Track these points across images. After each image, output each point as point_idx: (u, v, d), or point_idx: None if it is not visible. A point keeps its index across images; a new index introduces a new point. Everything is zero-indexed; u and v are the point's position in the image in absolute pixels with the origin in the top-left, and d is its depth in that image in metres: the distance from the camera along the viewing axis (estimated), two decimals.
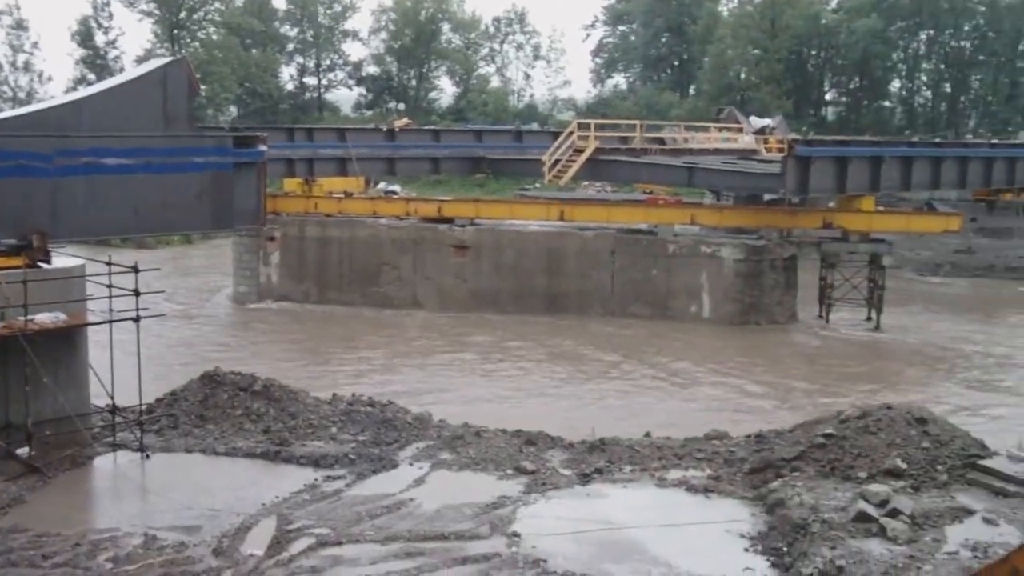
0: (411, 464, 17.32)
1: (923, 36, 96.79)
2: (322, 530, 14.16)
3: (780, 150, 45.02)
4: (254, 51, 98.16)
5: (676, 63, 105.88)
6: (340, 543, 13.71)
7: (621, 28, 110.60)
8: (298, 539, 13.86)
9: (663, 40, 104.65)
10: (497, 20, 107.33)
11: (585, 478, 16.74)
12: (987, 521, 13.88)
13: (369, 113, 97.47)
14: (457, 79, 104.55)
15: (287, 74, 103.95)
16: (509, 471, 16.98)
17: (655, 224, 40.02)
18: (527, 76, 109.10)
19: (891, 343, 36.50)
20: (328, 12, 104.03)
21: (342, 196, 43.75)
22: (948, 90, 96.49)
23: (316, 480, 16.38)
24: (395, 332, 36.46)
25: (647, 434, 19.72)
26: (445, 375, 30.09)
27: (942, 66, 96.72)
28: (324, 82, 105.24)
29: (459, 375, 30.21)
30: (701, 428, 20.23)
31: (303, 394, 20.24)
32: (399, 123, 54.89)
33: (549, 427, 19.90)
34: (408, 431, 19.08)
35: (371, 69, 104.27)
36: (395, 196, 47.68)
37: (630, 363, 31.86)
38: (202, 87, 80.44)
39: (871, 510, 13.82)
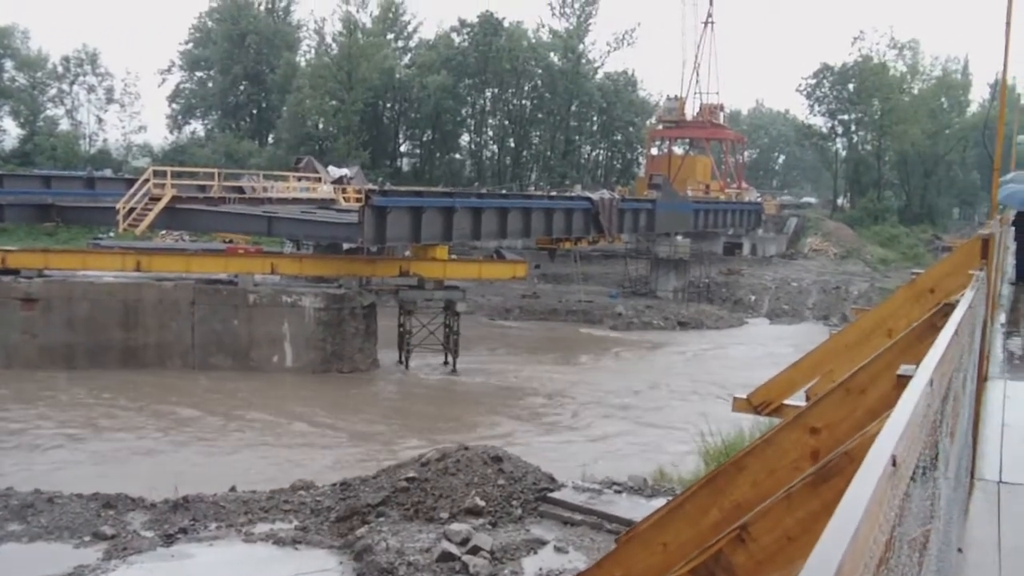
0: None
1: (489, 94, 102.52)
2: None
3: (358, 200, 45.82)
4: None
5: (255, 111, 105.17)
6: None
7: (198, 74, 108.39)
8: None
9: (241, 88, 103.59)
10: (66, 59, 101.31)
11: (169, 539, 16.16)
12: (558, 550, 14.84)
13: None
14: (22, 120, 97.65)
15: None
16: (87, 538, 16.07)
17: (235, 274, 39.48)
18: (100, 120, 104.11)
19: (467, 385, 38.11)
20: None
21: None
22: (512, 145, 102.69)
23: None
24: None
25: (232, 488, 19.35)
26: (12, 438, 27.91)
27: (506, 122, 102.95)
28: None
29: (28, 437, 28.10)
30: (287, 479, 20.14)
31: None
32: None
33: (129, 487, 19.04)
34: None
35: None
36: None
37: (212, 416, 31.10)
38: None
39: (454, 549, 14.37)
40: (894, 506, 2.17)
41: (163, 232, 57.41)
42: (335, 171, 58.41)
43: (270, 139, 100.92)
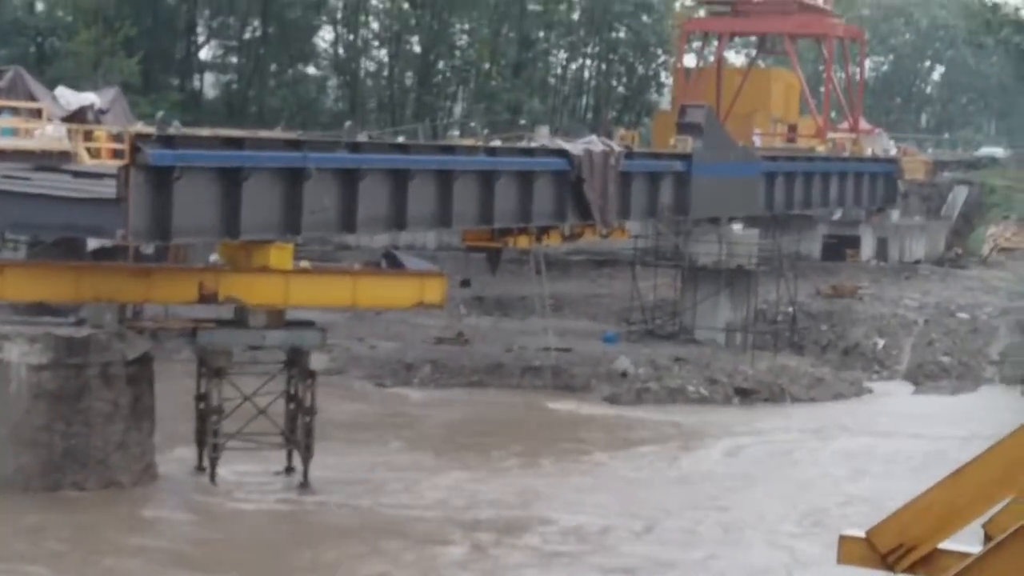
0: None
1: None
2: None
3: (115, 153, 45.38)
4: None
5: None
6: None
7: None
8: None
9: None
10: None
11: None
12: None
13: None
14: None
15: None
16: None
17: None
18: None
19: (330, 517, 37.80)
20: None
21: None
22: (417, 50, 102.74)
23: None
24: None
25: None
26: None
27: (405, 6, 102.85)
28: None
29: None
30: None
31: None
32: None
33: None
34: None
35: None
36: None
37: None
38: None
39: None
40: None
41: None
42: (71, 97, 57.93)
43: None
